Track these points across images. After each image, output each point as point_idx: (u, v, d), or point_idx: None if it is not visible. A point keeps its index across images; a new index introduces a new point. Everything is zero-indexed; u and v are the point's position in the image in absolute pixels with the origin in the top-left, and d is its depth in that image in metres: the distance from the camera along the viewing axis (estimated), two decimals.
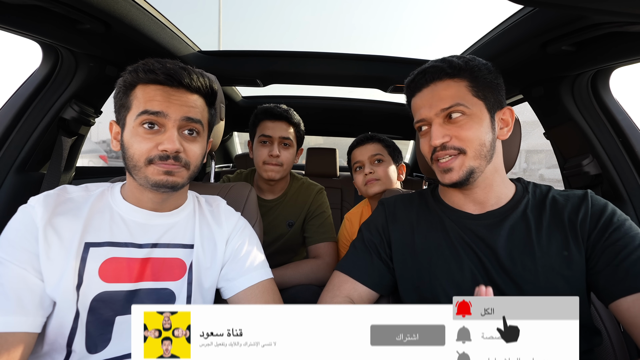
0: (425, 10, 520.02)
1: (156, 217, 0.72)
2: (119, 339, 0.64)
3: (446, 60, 0.72)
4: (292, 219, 1.37)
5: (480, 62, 0.72)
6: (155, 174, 0.65)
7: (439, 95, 0.70)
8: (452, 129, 0.70)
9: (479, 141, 0.69)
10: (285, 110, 1.30)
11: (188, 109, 0.67)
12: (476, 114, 0.69)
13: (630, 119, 1.05)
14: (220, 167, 2.98)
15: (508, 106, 0.75)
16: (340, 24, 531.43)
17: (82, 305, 0.62)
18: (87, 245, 0.64)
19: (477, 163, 0.69)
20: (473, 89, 0.70)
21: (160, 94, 0.65)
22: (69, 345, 0.61)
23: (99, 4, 0.82)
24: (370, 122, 2.49)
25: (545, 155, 17.18)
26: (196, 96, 0.69)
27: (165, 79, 0.64)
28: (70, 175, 1.22)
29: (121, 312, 0.65)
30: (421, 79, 0.73)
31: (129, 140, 0.65)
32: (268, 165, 1.27)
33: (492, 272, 0.67)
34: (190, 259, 0.73)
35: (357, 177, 1.36)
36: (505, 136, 0.74)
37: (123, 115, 0.67)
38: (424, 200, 0.84)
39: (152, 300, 0.68)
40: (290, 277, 1.23)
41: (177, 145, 0.64)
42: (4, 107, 1.04)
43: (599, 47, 0.86)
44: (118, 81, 0.68)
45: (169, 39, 1.17)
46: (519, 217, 0.70)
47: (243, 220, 0.84)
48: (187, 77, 0.66)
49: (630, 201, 1.02)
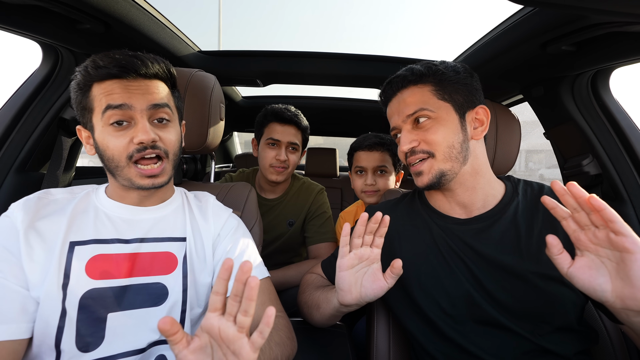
0: (425, 10, 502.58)
1: (142, 212, 0.71)
2: (113, 337, 0.63)
3: (409, 68, 0.75)
4: (292, 219, 1.38)
5: (447, 65, 0.73)
6: (138, 177, 0.65)
7: (404, 102, 0.73)
8: (419, 133, 0.72)
9: (446, 143, 0.69)
10: (295, 114, 1.29)
11: (151, 96, 0.65)
12: (442, 116, 0.70)
13: (630, 119, 1.05)
14: (220, 167, 2.98)
15: (481, 105, 0.74)
16: (340, 24, 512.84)
17: (70, 304, 0.61)
18: (72, 244, 0.64)
19: (449, 165, 0.70)
20: (438, 92, 0.71)
21: (118, 86, 0.63)
22: (57, 346, 0.60)
23: (99, 4, 0.82)
24: (370, 122, 2.49)
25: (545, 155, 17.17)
26: (156, 82, 0.68)
27: (119, 71, 0.62)
28: (70, 175, 1.22)
29: (113, 309, 0.64)
30: (389, 90, 0.77)
31: (103, 142, 0.64)
32: (274, 168, 1.28)
33: (481, 279, 0.67)
34: (183, 252, 0.72)
35: (356, 181, 1.33)
36: (480, 136, 0.73)
37: (88, 118, 0.65)
38: (409, 204, 0.84)
39: (144, 295, 0.67)
40: (292, 278, 1.24)
41: (151, 135, 0.64)
42: (4, 107, 1.04)
43: (599, 47, 0.86)
44: (71, 85, 0.66)
45: (169, 39, 1.17)
46: (509, 221, 0.69)
47: (234, 219, 0.82)
48: (142, 65, 0.64)
49: (630, 201, 1.02)
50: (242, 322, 0.45)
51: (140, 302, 0.67)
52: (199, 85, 0.91)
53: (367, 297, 0.66)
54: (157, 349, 0.69)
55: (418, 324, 0.73)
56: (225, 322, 0.46)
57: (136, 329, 0.66)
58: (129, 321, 0.65)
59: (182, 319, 0.71)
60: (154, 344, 0.68)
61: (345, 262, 0.66)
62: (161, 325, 0.44)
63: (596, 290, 0.47)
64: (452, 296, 0.68)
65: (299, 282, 1.23)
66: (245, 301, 0.45)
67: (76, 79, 0.64)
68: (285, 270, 1.26)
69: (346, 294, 0.67)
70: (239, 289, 0.46)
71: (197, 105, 0.89)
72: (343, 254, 0.66)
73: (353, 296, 0.67)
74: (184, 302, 0.70)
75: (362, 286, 0.67)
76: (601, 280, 0.47)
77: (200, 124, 0.90)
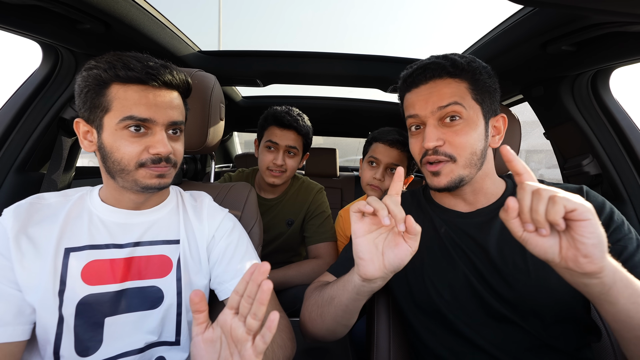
0: (425, 10, 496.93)
1: (136, 216, 0.71)
2: (111, 340, 0.64)
3: (449, 58, 0.69)
4: (291, 218, 1.38)
5: (481, 65, 0.70)
6: (146, 177, 0.64)
7: (438, 92, 0.67)
8: (446, 132, 0.67)
9: (471, 149, 0.67)
10: (295, 119, 1.27)
11: (173, 111, 0.65)
12: (472, 118, 0.67)
13: (630, 119, 1.05)
14: (220, 167, 2.98)
15: (502, 114, 0.73)
16: (340, 24, 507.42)
17: (67, 311, 0.61)
18: (67, 251, 0.63)
19: (467, 172, 0.68)
20: (473, 91, 0.68)
21: (144, 96, 0.61)
22: (56, 352, 0.61)
23: (99, 4, 0.82)
24: (370, 122, 2.49)
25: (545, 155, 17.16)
26: (176, 93, 0.68)
27: (147, 77, 0.61)
28: (70, 175, 1.22)
29: (110, 313, 0.64)
30: (420, 75, 0.69)
31: (113, 144, 0.62)
32: (271, 171, 1.28)
33: (483, 271, 0.67)
34: (177, 255, 0.72)
35: (366, 171, 1.27)
36: (497, 144, 0.72)
37: (98, 116, 0.62)
38: (415, 200, 0.83)
39: (140, 298, 0.67)
40: (292, 278, 1.24)
41: (169, 148, 0.64)
42: (4, 107, 1.04)
43: (599, 47, 0.86)
44: (83, 76, 0.62)
45: (169, 39, 1.17)
46: None
47: (230, 220, 0.81)
48: (169, 75, 0.64)
49: (630, 201, 1.02)
50: (250, 324, 0.45)
51: (137, 306, 0.67)
52: (199, 85, 0.91)
53: (391, 266, 0.58)
54: (156, 351, 0.69)
55: (421, 318, 0.73)
56: (237, 321, 0.47)
57: (133, 331, 0.66)
58: (126, 324, 0.66)
59: (179, 322, 0.71)
60: (151, 345, 0.68)
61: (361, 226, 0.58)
62: (193, 296, 0.47)
63: (547, 253, 0.48)
64: (455, 288, 0.69)
65: (299, 282, 1.23)
66: (256, 304, 0.45)
67: (93, 72, 0.61)
68: (286, 270, 1.26)
69: (368, 264, 0.58)
70: (252, 291, 0.46)
71: (197, 105, 0.89)
72: (356, 218, 0.59)
73: (376, 266, 0.58)
74: (179, 304, 0.70)
75: (384, 254, 0.58)
76: (552, 242, 0.47)
77: (200, 124, 0.90)
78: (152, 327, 0.68)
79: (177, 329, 0.71)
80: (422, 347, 0.75)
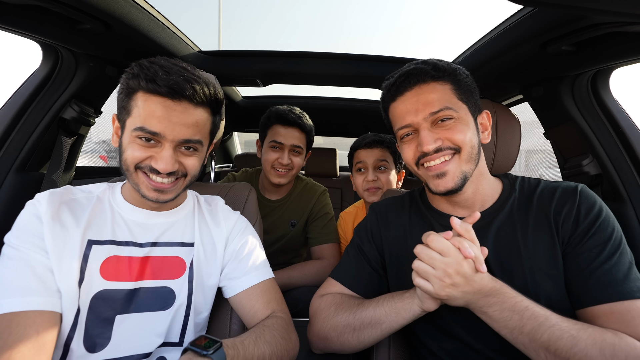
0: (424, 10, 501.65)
1: (156, 216, 0.73)
2: (119, 339, 0.64)
3: (429, 62, 0.70)
4: (295, 219, 1.38)
5: (459, 66, 0.72)
6: (144, 186, 0.66)
7: (425, 98, 0.68)
8: (441, 132, 0.68)
9: (470, 144, 0.68)
10: (299, 116, 1.28)
11: (187, 129, 0.64)
12: (463, 117, 0.68)
13: (630, 119, 1.05)
14: (220, 167, 2.98)
15: (485, 110, 0.76)
16: (340, 24, 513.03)
17: (82, 303, 0.62)
18: (90, 243, 0.65)
19: (469, 167, 0.69)
20: (457, 92, 0.69)
21: (160, 109, 0.61)
22: (67, 344, 0.61)
23: (99, 4, 0.82)
24: (369, 122, 2.49)
25: (545, 155, 17.15)
26: (200, 110, 0.66)
27: (167, 92, 0.61)
28: (70, 175, 1.22)
29: (121, 310, 0.65)
30: (404, 82, 0.70)
31: (126, 146, 0.65)
32: (276, 170, 1.27)
33: None
34: (190, 257, 0.73)
35: (357, 179, 1.34)
36: (487, 140, 0.74)
37: (124, 117, 0.65)
38: (415, 203, 0.84)
39: (152, 299, 0.68)
40: (297, 279, 1.24)
41: (170, 167, 0.64)
42: (4, 107, 1.04)
43: (599, 47, 0.86)
44: (122, 77, 0.66)
45: (169, 39, 1.17)
46: (506, 217, 0.70)
47: (243, 220, 0.84)
48: (191, 90, 0.62)
49: (630, 201, 1.02)
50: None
51: (148, 306, 0.67)
52: None
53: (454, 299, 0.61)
54: (158, 351, 0.69)
55: (420, 320, 0.73)
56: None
57: (142, 332, 0.66)
58: (135, 324, 0.66)
59: (185, 323, 0.71)
60: (158, 347, 0.68)
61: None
62: None
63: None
64: None
65: (303, 283, 1.23)
66: None
67: (126, 79, 0.63)
68: (290, 271, 1.26)
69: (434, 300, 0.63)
70: None
71: None
72: None
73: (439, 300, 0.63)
74: (188, 306, 0.71)
75: None
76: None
77: None
78: (160, 330, 0.68)
79: (182, 330, 0.71)
80: (421, 348, 0.75)
